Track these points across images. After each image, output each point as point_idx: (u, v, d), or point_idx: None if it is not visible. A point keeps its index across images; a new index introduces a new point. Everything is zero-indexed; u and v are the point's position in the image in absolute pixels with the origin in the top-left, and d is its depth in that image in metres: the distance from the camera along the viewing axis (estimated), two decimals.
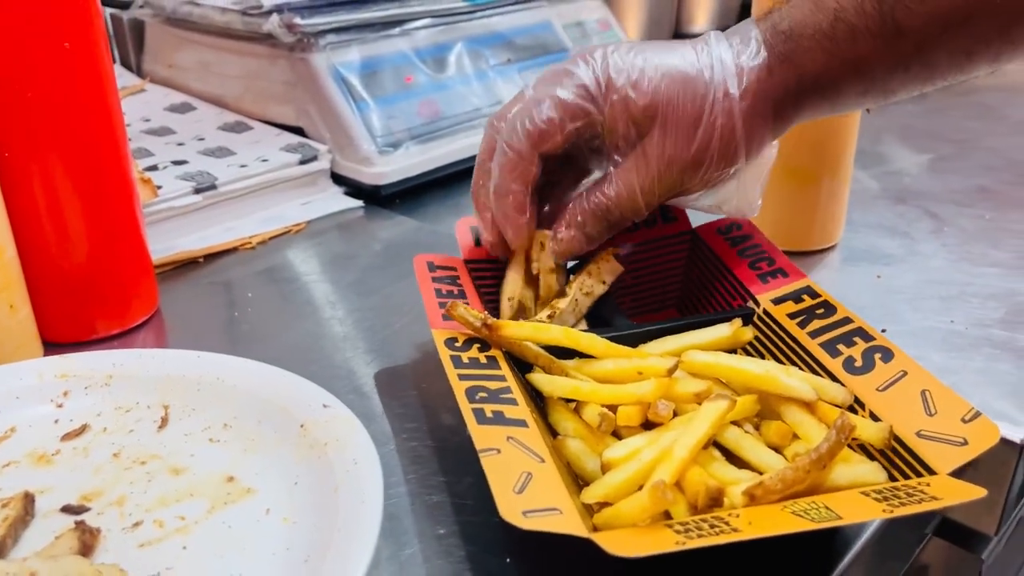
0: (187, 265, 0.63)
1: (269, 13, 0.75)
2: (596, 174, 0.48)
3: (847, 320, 0.43)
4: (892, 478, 0.35)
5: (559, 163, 0.47)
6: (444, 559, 0.36)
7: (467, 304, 0.43)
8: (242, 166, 0.70)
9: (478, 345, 0.42)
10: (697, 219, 0.52)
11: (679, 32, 1.22)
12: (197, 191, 0.66)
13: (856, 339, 0.41)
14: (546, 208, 0.49)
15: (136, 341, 0.53)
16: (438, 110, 0.79)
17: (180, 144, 0.76)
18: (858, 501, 0.32)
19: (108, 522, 0.37)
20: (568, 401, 0.41)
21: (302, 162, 0.73)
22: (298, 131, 0.78)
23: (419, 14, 0.82)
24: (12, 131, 0.46)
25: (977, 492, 0.31)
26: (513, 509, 0.31)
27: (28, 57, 0.45)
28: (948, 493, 0.32)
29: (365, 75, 0.76)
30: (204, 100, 0.86)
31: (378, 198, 0.74)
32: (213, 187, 0.67)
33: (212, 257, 0.64)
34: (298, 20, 0.74)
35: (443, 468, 0.41)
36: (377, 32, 0.79)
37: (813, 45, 0.42)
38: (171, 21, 0.87)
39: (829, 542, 0.38)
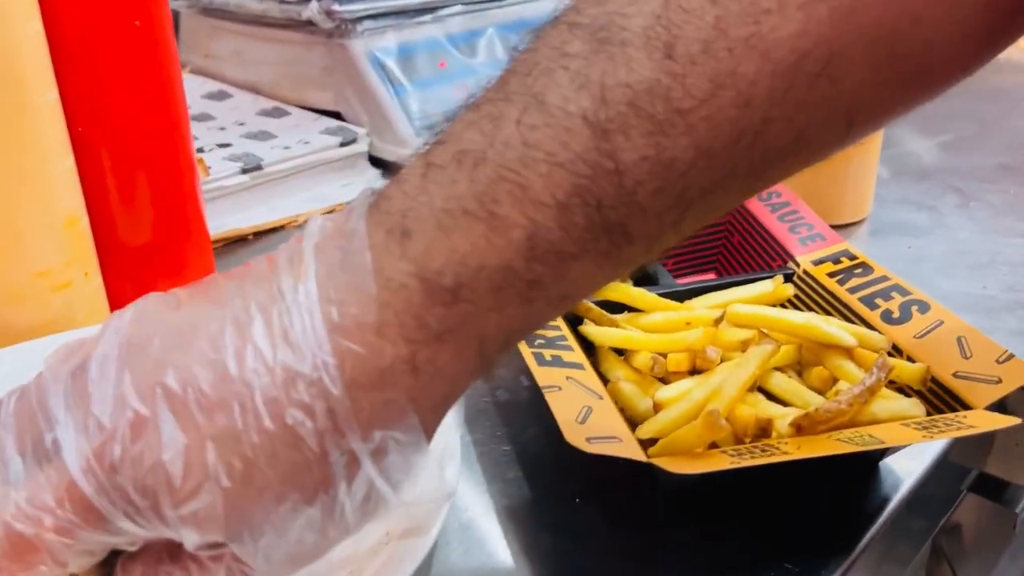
0: (237, 242, 0.65)
1: (308, 0, 0.78)
2: None
3: (885, 278, 0.45)
4: (930, 413, 0.37)
5: None
6: (515, 501, 0.38)
7: None
8: (285, 148, 0.73)
9: None
10: None
11: None
12: (244, 171, 0.69)
13: (893, 294, 0.43)
14: None
15: None
16: (471, 94, 0.82)
17: (222, 128, 0.79)
18: (899, 430, 0.34)
19: None
20: (617, 353, 0.43)
21: (342, 144, 0.75)
22: (335, 115, 0.81)
23: (451, 1, 0.84)
24: (86, 107, 0.48)
25: (1012, 420, 0.34)
26: (577, 436, 0.33)
27: (101, 34, 0.47)
28: (984, 422, 0.34)
29: (401, 60, 0.79)
30: (240, 88, 0.89)
31: None
32: (259, 168, 0.70)
33: (261, 234, 0.67)
34: (336, 7, 0.77)
35: (505, 421, 0.44)
36: (411, 18, 0.82)
37: (501, 300, 0.25)
38: (207, 11, 0.90)
39: (868, 494, 0.39)
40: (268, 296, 0.25)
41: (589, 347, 0.43)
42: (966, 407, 0.36)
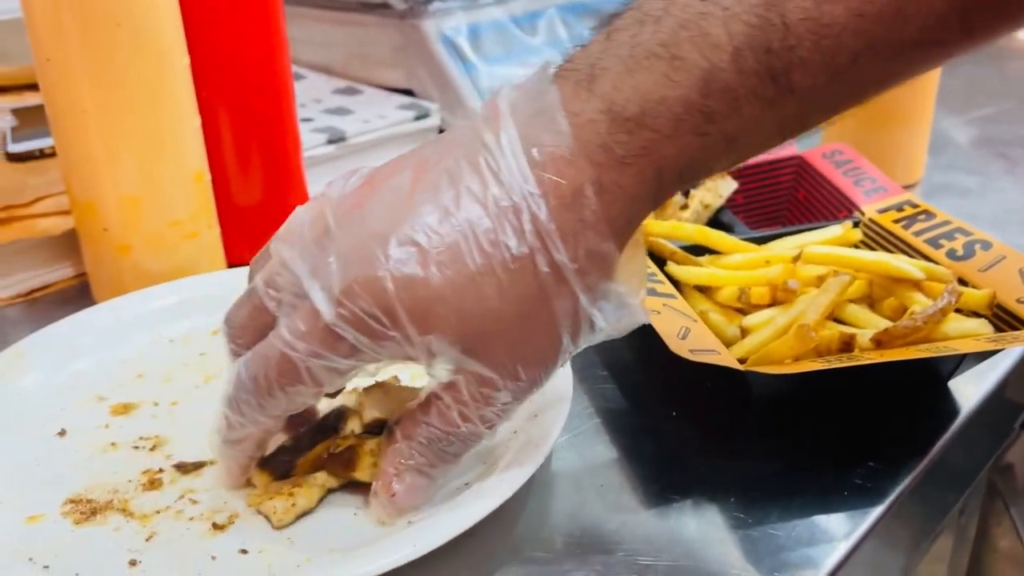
0: None
1: None
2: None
3: (947, 222, 0.48)
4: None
5: None
6: (617, 413, 0.43)
7: None
8: (365, 121, 0.78)
9: None
10: (802, 145, 0.59)
11: None
12: (330, 142, 0.74)
13: (957, 235, 0.47)
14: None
15: None
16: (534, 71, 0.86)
17: (302, 105, 0.83)
18: (972, 342, 0.38)
19: None
20: (700, 292, 0.47)
21: (416, 119, 0.80)
22: (406, 92, 0.85)
23: None
24: (210, 73, 0.53)
25: None
26: (681, 348, 0.37)
27: (227, 8, 0.52)
28: None
29: (470, 39, 0.83)
30: (311, 69, 0.94)
31: None
32: (343, 139, 0.74)
33: None
34: None
35: (599, 351, 0.48)
36: (476, 0, 0.86)
37: (679, 129, 0.29)
38: None
39: (935, 411, 0.43)
40: (473, 149, 0.30)
41: (674, 287, 0.48)
42: None
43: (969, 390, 0.45)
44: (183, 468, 0.38)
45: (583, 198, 0.29)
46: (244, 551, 0.34)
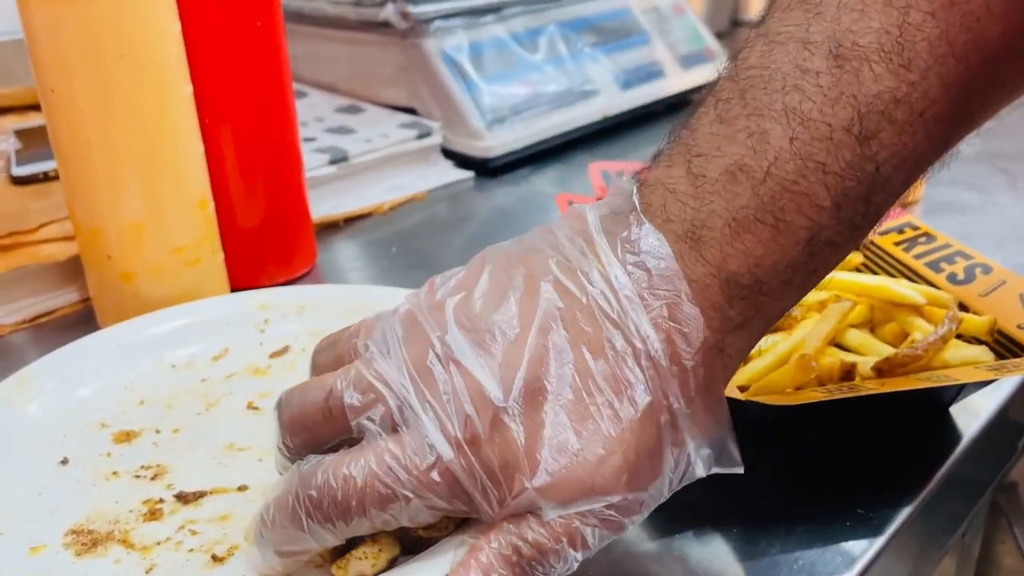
0: (330, 227, 0.71)
1: (384, 3, 0.83)
2: None
3: (947, 245, 0.49)
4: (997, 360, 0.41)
5: None
6: None
7: None
8: (367, 141, 0.78)
9: None
10: None
11: (736, 19, 1.28)
12: (332, 162, 0.74)
13: (957, 259, 0.47)
14: None
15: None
16: (536, 89, 0.86)
17: (304, 124, 0.84)
18: (973, 371, 0.38)
19: None
20: None
21: (418, 137, 0.80)
22: (409, 111, 0.86)
23: (513, 1, 0.89)
24: (213, 100, 0.54)
25: None
26: None
27: (230, 35, 0.53)
28: None
29: (472, 58, 0.84)
30: (314, 87, 0.95)
31: (485, 170, 0.81)
32: (345, 159, 0.75)
33: (350, 221, 0.72)
34: (411, 8, 0.82)
35: None
36: (478, 18, 0.87)
37: (788, 290, 0.30)
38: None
39: (934, 440, 0.43)
40: (580, 288, 0.30)
41: None
42: None
43: (971, 415, 0.45)
44: (183, 498, 0.38)
45: (702, 356, 0.29)
46: None
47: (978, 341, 0.43)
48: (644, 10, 1.01)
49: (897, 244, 0.50)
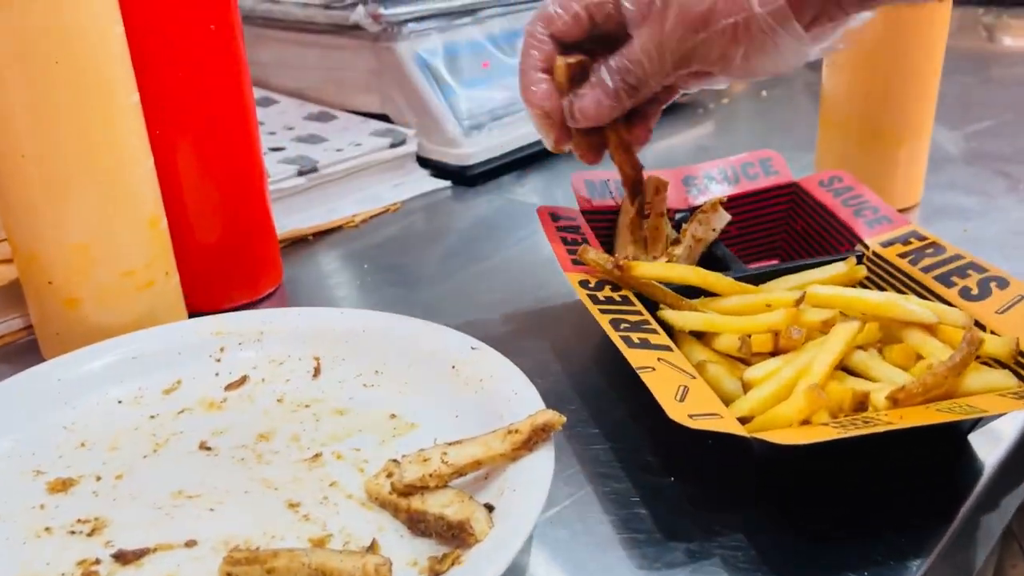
0: (298, 242, 0.67)
1: (354, 5, 0.79)
2: None
3: (959, 256, 0.45)
4: (1020, 385, 0.38)
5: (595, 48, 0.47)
6: (609, 479, 0.39)
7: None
8: (338, 150, 0.74)
9: (609, 286, 0.45)
10: (798, 173, 0.55)
11: None
12: (300, 173, 0.70)
13: (970, 271, 0.44)
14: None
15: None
16: (514, 93, 0.82)
17: (272, 133, 0.80)
18: (996, 400, 0.34)
19: (289, 455, 0.40)
20: (695, 337, 0.44)
21: (392, 146, 0.76)
22: (382, 118, 0.82)
23: (490, 2, 0.85)
24: (164, 109, 0.50)
25: None
26: (680, 413, 0.34)
27: (180, 38, 0.49)
28: None
29: (447, 61, 0.80)
30: (284, 94, 0.90)
31: (463, 178, 0.77)
32: (315, 170, 0.71)
33: (320, 235, 0.68)
34: (382, 10, 0.78)
35: (588, 406, 0.44)
36: (453, 20, 0.83)
37: None
38: (249, 19, 0.91)
39: (956, 469, 0.40)
40: None
41: (667, 332, 0.44)
42: None
43: (991, 441, 0.41)
44: (123, 558, 0.34)
45: None
46: None
47: (999, 363, 0.39)
48: None
49: (903, 256, 0.47)
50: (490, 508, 0.33)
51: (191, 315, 0.54)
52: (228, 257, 0.55)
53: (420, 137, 0.79)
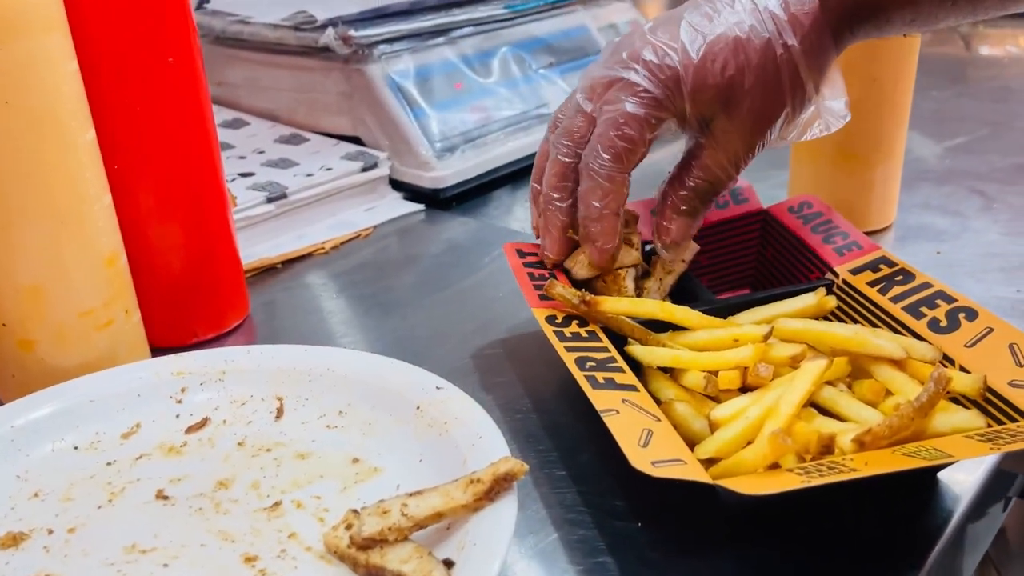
0: (266, 271, 0.65)
1: (324, 27, 0.78)
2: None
3: (927, 285, 0.45)
4: (989, 425, 0.37)
5: None
6: (576, 526, 0.38)
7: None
8: (308, 175, 0.73)
9: (576, 321, 0.44)
10: (767, 199, 0.55)
11: None
12: (270, 200, 0.69)
13: (939, 301, 0.43)
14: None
15: (230, 344, 0.56)
16: (488, 114, 0.82)
17: (242, 157, 0.79)
18: (965, 443, 0.34)
19: (248, 503, 0.39)
20: (665, 371, 0.43)
21: (364, 169, 0.75)
22: (354, 140, 0.81)
23: (463, 22, 0.85)
24: (122, 143, 0.49)
25: None
26: (643, 460, 0.33)
27: (137, 72, 0.48)
28: None
29: (419, 83, 0.79)
30: (255, 115, 0.89)
31: (436, 201, 0.77)
32: (284, 196, 0.70)
33: (289, 263, 0.67)
34: (352, 32, 0.77)
35: (557, 446, 0.44)
36: (425, 41, 0.82)
37: None
38: (220, 40, 0.90)
39: (928, 507, 0.39)
40: None
41: (635, 366, 0.43)
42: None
43: (962, 477, 0.41)
44: None
45: (805, 4, 0.44)
46: None
47: (968, 399, 0.39)
48: (600, 28, 0.97)
49: (872, 284, 0.46)
50: (449, 564, 0.33)
51: (154, 351, 0.53)
52: (192, 291, 0.54)
53: (392, 159, 0.78)
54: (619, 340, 0.44)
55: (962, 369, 0.40)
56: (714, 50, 0.44)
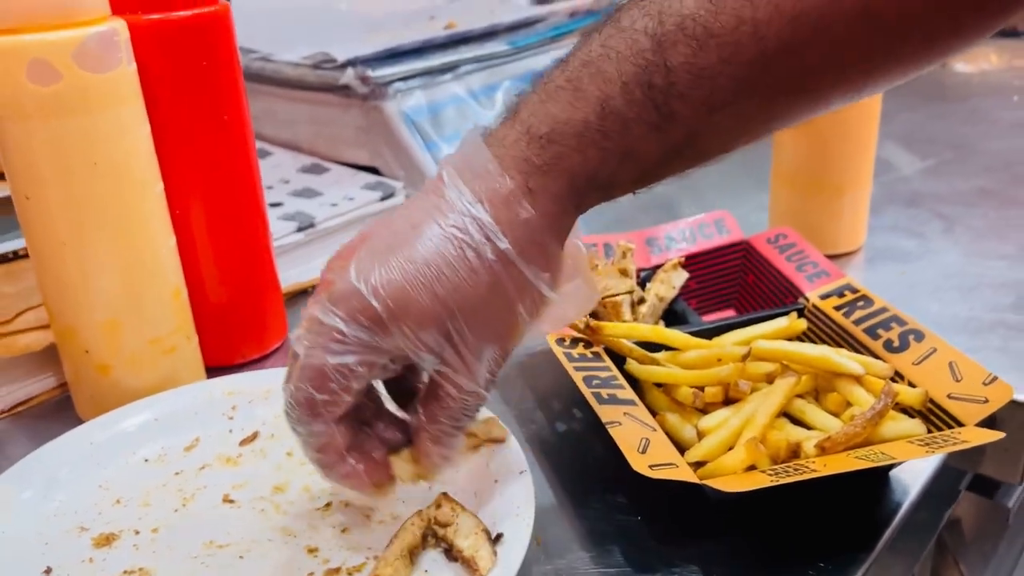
0: (299, 295, 0.72)
1: (343, 67, 0.85)
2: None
3: (884, 310, 0.52)
4: (929, 431, 0.44)
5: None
6: (585, 519, 0.45)
7: None
8: (333, 205, 0.80)
9: (582, 343, 0.51)
10: (749, 220, 0.62)
11: None
12: (300, 230, 0.76)
13: (893, 324, 0.51)
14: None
15: (272, 364, 0.63)
16: None
17: (269, 187, 0.86)
18: (906, 447, 0.41)
19: (303, 504, 0.46)
20: (659, 385, 0.50)
21: (382, 198, 0.82)
22: (371, 170, 0.88)
23: (469, 59, 0.92)
24: (184, 191, 0.56)
25: (996, 435, 0.41)
26: (642, 464, 0.40)
27: (199, 132, 0.55)
28: (974, 437, 0.41)
29: (431, 118, 0.86)
30: (276, 144, 0.96)
31: None
32: (312, 225, 0.77)
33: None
34: (370, 72, 0.84)
35: (567, 452, 0.51)
36: (435, 78, 0.89)
37: (582, 144, 0.37)
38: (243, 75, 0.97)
39: (881, 499, 0.46)
40: (428, 200, 0.39)
41: (634, 382, 0.50)
42: (959, 424, 0.43)
43: (915, 470, 0.48)
44: None
45: (516, 199, 0.38)
46: None
47: (914, 410, 0.46)
48: None
49: (837, 308, 0.54)
50: (498, 538, 0.40)
51: (208, 372, 0.60)
52: (239, 317, 0.61)
53: (408, 189, 0.85)
54: (619, 360, 0.51)
55: (910, 384, 0.47)
56: (425, 283, 0.37)
